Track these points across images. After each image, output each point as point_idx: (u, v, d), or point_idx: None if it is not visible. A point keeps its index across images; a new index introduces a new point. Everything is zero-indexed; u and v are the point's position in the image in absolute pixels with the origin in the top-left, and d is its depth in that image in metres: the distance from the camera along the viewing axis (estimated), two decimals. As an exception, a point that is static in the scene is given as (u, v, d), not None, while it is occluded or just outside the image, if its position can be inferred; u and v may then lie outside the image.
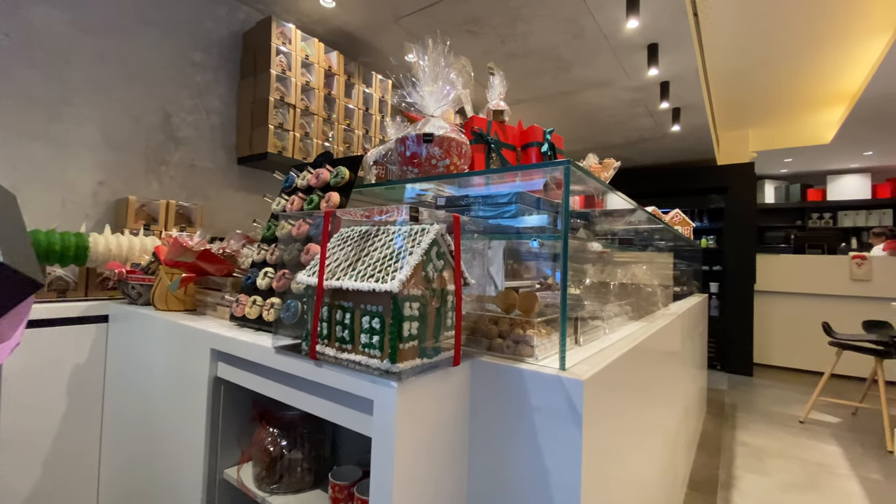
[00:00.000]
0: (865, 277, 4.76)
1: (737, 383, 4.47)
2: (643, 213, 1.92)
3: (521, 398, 0.81)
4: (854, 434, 3.13)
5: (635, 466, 1.24)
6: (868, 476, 2.48)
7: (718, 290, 5.19)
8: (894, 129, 4.89)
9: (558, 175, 1.15)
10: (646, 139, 4.73)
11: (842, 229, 6.84)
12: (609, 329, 1.30)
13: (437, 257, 0.82)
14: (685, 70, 3.08)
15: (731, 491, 2.24)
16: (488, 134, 1.22)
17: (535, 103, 3.80)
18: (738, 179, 5.23)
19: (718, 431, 3.08)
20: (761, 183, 7.34)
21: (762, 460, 2.63)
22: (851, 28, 3.35)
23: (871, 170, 6.73)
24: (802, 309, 4.97)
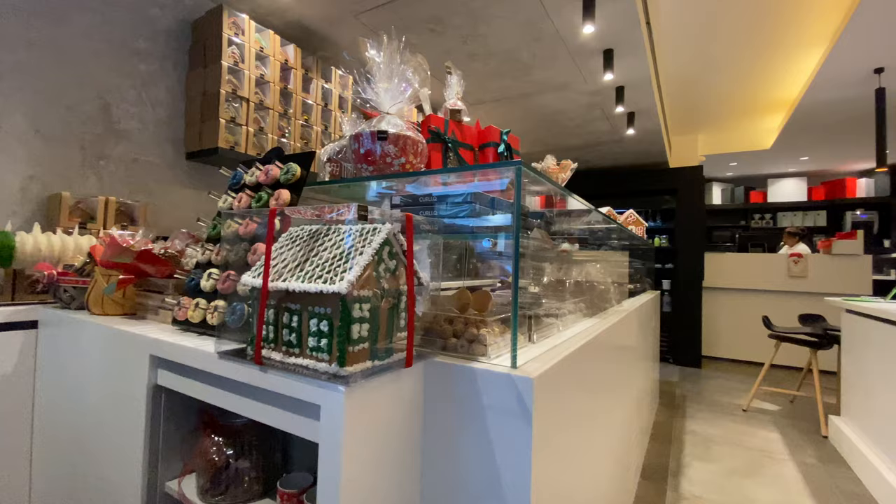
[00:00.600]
0: (802, 274, 5.12)
1: (687, 375, 4.71)
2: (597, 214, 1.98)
3: (474, 397, 0.81)
4: (792, 421, 3.36)
5: (589, 458, 1.27)
6: (804, 460, 2.67)
7: (670, 287, 5.44)
8: (827, 136, 5.29)
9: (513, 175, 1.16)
10: (603, 142, 4.89)
11: (781, 229, 7.34)
12: (563, 326, 1.32)
13: (389, 257, 0.80)
14: (639, 76, 3.20)
15: (680, 478, 2.35)
16: (445, 133, 1.22)
17: (497, 104, 3.84)
18: (688, 182, 5.50)
19: (670, 421, 3.23)
20: (709, 185, 7.76)
21: (709, 448, 2.78)
22: (789, 40, 3.60)
23: (807, 174, 7.26)
24: (746, 304, 5.30)
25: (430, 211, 0.95)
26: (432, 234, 0.92)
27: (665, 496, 2.17)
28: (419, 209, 0.97)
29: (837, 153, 6.06)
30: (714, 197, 7.74)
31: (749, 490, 2.26)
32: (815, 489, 2.30)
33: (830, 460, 2.67)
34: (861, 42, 3.13)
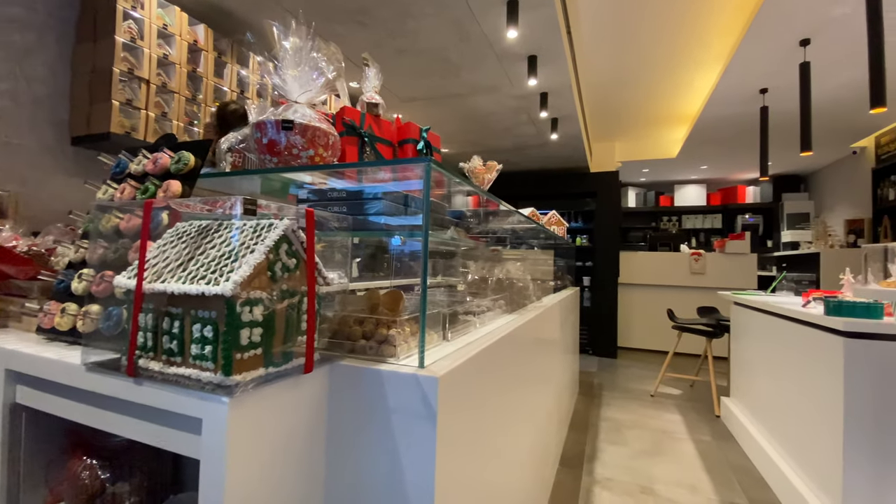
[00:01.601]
0: (701, 271, 5.72)
1: (604, 365, 5.05)
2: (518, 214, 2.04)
3: (380, 400, 0.79)
4: (691, 403, 3.73)
5: (505, 451, 1.30)
6: (700, 438, 2.97)
7: (590, 284, 5.81)
8: (722, 148, 5.94)
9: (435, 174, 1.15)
10: (530, 146, 5.09)
11: (685, 230, 8.14)
12: (481, 323, 1.34)
13: (287, 255, 0.75)
14: (561, 83, 3.37)
15: (595, 463, 2.51)
16: (361, 127, 1.18)
17: (430, 103, 3.84)
18: (607, 186, 5.90)
19: (587, 409, 3.44)
20: (625, 189, 8.39)
21: (620, 432, 2.99)
22: (692, 59, 3.98)
23: (706, 181, 8.11)
24: (655, 298, 5.80)
25: (341, 207, 0.91)
26: (342, 231, 0.88)
27: (581, 481, 2.30)
28: (329, 205, 0.92)
29: (730, 163, 6.83)
30: (629, 200, 8.38)
31: (653, 469, 2.46)
32: (708, 464, 2.56)
33: (722, 437, 2.99)
34: (748, 65, 3.54)
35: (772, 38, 3.10)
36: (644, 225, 8.44)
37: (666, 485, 2.28)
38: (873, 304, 1.80)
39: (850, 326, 1.74)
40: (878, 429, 1.68)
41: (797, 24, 2.91)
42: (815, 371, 1.99)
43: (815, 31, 2.99)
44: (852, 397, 1.72)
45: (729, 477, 2.40)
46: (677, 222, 8.21)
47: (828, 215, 6.55)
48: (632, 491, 2.20)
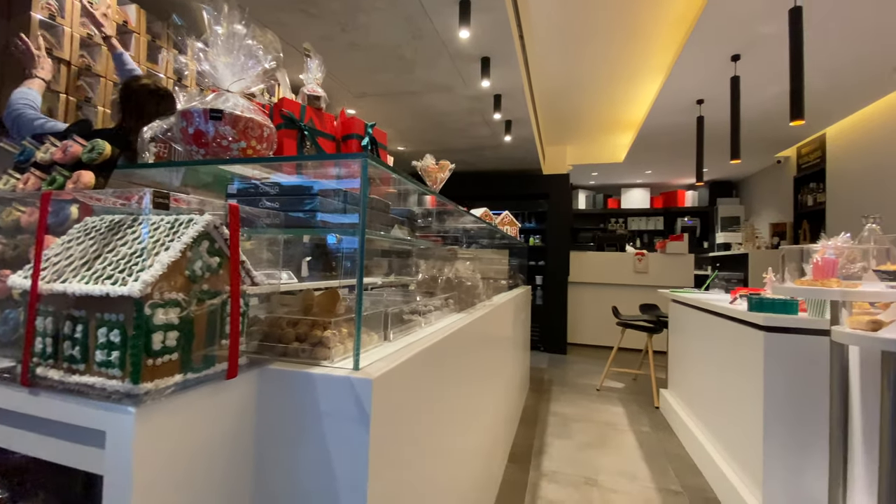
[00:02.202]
0: (644, 270, 6.03)
1: (555, 361, 5.21)
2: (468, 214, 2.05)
3: (312, 404, 0.76)
4: (634, 396, 3.92)
5: (450, 449, 1.30)
6: (640, 429, 3.12)
7: (543, 282, 5.98)
8: (664, 154, 6.29)
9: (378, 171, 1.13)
10: (485, 146, 5.15)
11: (632, 232, 8.56)
12: (427, 322, 1.33)
13: (209, 253, 0.70)
14: (514, 86, 3.43)
15: (542, 457, 2.58)
16: (301, 120, 1.13)
17: (382, 99, 3.79)
18: (558, 188, 6.09)
19: (537, 405, 3.53)
20: (576, 192, 8.70)
21: (567, 426, 3.10)
22: (637, 69, 4.17)
23: (650, 185, 8.56)
24: (602, 296, 6.05)
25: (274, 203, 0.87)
26: (274, 228, 0.84)
27: (528, 475, 2.35)
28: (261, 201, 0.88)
29: (672, 169, 7.25)
30: (580, 202, 8.70)
31: (597, 460, 2.56)
32: (647, 453, 2.70)
33: (660, 427, 3.16)
34: (686, 77, 3.77)
35: (706, 52, 3.31)
36: (593, 226, 8.78)
37: (608, 475, 2.38)
38: (790, 301, 1.97)
39: (770, 321, 1.89)
40: (794, 415, 1.84)
41: (728, 40, 3.13)
42: (740, 363, 2.14)
43: (744, 48, 3.23)
44: (771, 386, 1.87)
45: (665, 465, 2.55)
46: (624, 224, 8.61)
47: (756, 219, 7.11)
48: (576, 483, 2.28)
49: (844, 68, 3.50)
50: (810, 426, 1.81)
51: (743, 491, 1.96)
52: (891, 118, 4.08)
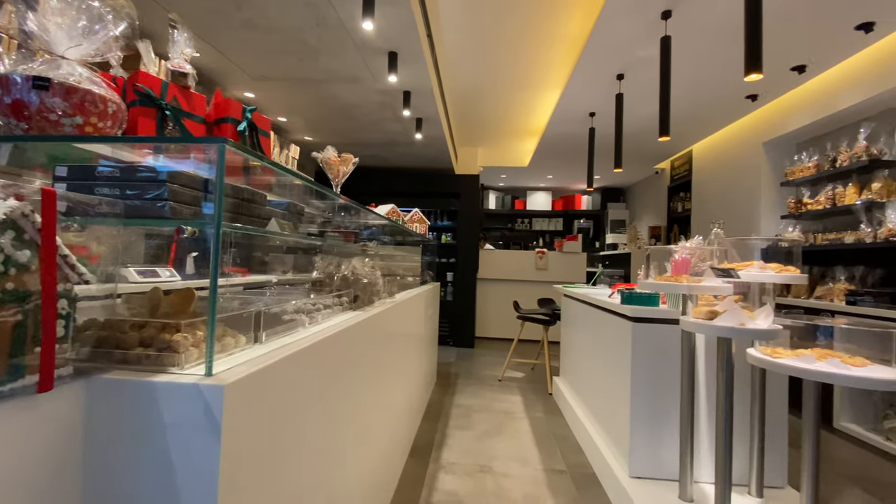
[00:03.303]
0: (544, 267, 6.47)
1: (463, 355, 5.38)
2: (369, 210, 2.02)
3: (155, 416, 0.68)
4: (531, 384, 4.19)
5: (338, 450, 1.27)
6: (535, 415, 3.34)
7: (453, 279, 6.13)
8: (563, 160, 6.80)
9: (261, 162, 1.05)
10: (398, 143, 5.12)
11: (536, 232, 9.14)
12: (313, 322, 1.28)
13: (16, 246, 0.60)
14: (423, 84, 3.45)
15: (442, 449, 2.64)
16: (163, 98, 1.01)
17: (285, 84, 3.57)
18: (469, 187, 6.28)
19: (442, 398, 3.61)
20: (487, 192, 9.06)
21: (469, 417, 3.21)
22: (540, 79, 4.44)
23: (551, 189, 9.22)
24: (508, 291, 6.37)
25: (113, 189, 0.76)
26: (112, 218, 0.74)
27: (427, 468, 2.39)
28: (97, 186, 0.77)
29: (570, 174, 7.87)
30: (490, 202, 9.08)
31: (493, 448, 2.69)
32: (538, 437, 2.90)
33: (552, 412, 3.42)
34: (580, 91, 4.11)
35: (596, 69, 3.64)
36: (502, 225, 9.22)
37: (502, 461, 2.52)
38: (653, 295, 2.24)
39: (636, 313, 2.14)
40: (655, 394, 2.11)
41: (614, 60, 3.48)
42: (615, 350, 2.40)
43: (627, 68, 3.61)
44: (636, 369, 2.12)
45: (553, 447, 2.76)
46: (529, 224, 9.17)
47: (638, 222, 8.02)
48: (472, 471, 2.37)
49: (706, 93, 4.08)
50: (668, 402, 2.08)
51: (614, 464, 2.20)
52: (742, 139, 4.85)
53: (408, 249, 3.59)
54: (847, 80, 3.43)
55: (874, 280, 3.18)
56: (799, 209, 3.94)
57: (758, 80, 2.03)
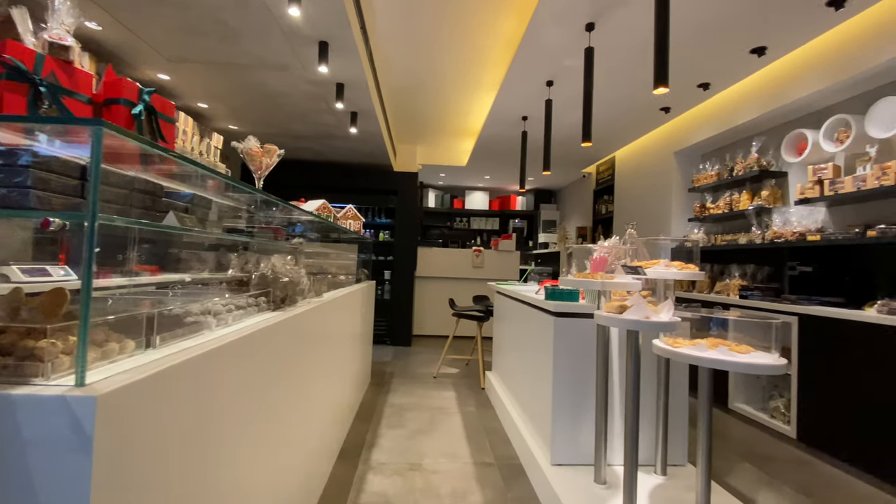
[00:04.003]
0: (480, 265, 6.62)
1: (399, 353, 5.35)
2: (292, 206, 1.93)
3: (12, 433, 0.59)
4: (465, 380, 4.26)
5: (246, 460, 1.20)
6: (467, 410, 3.40)
7: (391, 277, 6.07)
8: (499, 162, 6.98)
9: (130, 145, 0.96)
10: (333, 136, 4.96)
11: (474, 230, 9.31)
12: (222, 324, 1.20)
13: None
14: (356, 77, 3.36)
15: (373, 450, 2.60)
16: (38, 73, 0.89)
17: (205, 68, 3.32)
18: (408, 185, 6.25)
19: (375, 398, 3.56)
20: (427, 190, 9.08)
21: (402, 415, 3.20)
22: (477, 81, 4.51)
23: (489, 189, 9.44)
24: (446, 289, 6.44)
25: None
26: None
27: (356, 470, 2.35)
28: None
29: (506, 176, 8.11)
30: (430, 201, 9.10)
31: (424, 445, 2.70)
32: (469, 432, 2.96)
33: (484, 406, 3.50)
34: (513, 94, 4.24)
35: (527, 75, 3.77)
36: (442, 224, 9.29)
37: (433, 457, 2.53)
38: (573, 291, 2.37)
39: (558, 308, 2.25)
40: (574, 384, 2.23)
41: (543, 67, 3.62)
42: (539, 343, 2.50)
43: (555, 76, 3.77)
44: (558, 361, 2.23)
45: (483, 440, 2.83)
46: (467, 222, 9.32)
47: (567, 223, 8.45)
48: (402, 470, 2.37)
49: (626, 104, 4.38)
50: (587, 392, 2.21)
51: (538, 453, 2.30)
52: (657, 148, 5.27)
53: (340, 247, 3.50)
54: (743, 98, 3.86)
55: (762, 276, 3.61)
56: (703, 213, 4.36)
57: (664, 93, 2.22)
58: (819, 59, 3.14)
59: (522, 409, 2.85)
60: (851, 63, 2.90)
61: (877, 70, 2.80)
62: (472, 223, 9.27)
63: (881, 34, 2.73)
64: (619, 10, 2.76)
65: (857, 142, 2.97)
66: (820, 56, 3.14)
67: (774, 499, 2.24)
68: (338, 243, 4.07)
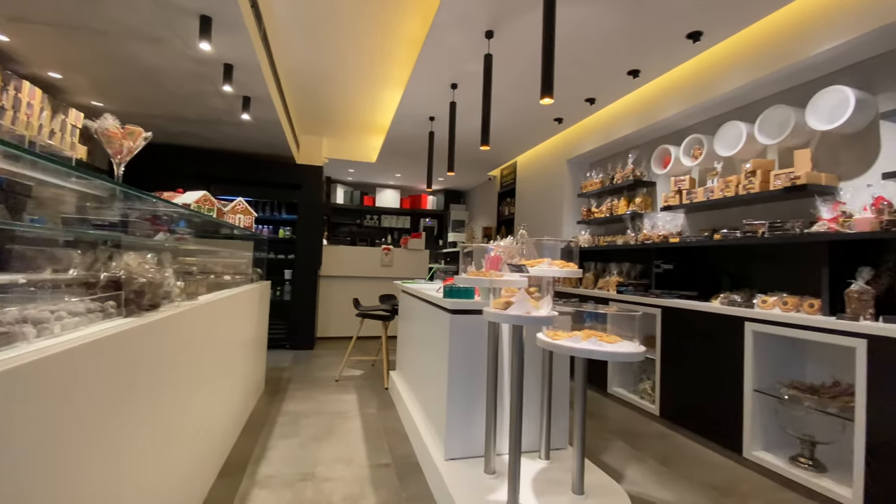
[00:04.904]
0: (389, 264, 6.55)
1: (300, 358, 5.07)
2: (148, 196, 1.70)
3: None
4: (369, 381, 4.17)
5: (87, 489, 1.02)
6: (368, 412, 3.33)
7: (292, 277, 5.72)
8: (408, 160, 6.97)
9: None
10: (223, 121, 4.53)
11: (384, 228, 9.19)
12: (44, 334, 1.00)
13: None
14: (248, 58, 3.10)
15: (260, 463, 2.42)
16: None
17: (56, 32, 2.81)
18: (313, 179, 5.95)
19: (268, 407, 3.32)
20: (335, 186, 8.75)
21: (297, 423, 3.02)
22: (383, 77, 4.43)
23: (400, 187, 9.40)
24: (353, 288, 6.26)
25: None
26: None
27: (239, 487, 2.16)
28: None
29: (415, 174, 8.14)
30: (339, 197, 8.79)
31: (319, 453, 2.58)
32: (368, 434, 2.89)
33: (386, 407, 3.46)
34: (420, 94, 4.24)
35: (432, 76, 3.81)
36: (351, 221, 9.03)
37: (327, 465, 2.43)
38: (469, 289, 2.43)
39: (454, 305, 2.29)
40: (468, 379, 2.29)
41: (447, 69, 3.68)
42: (438, 340, 2.53)
43: (459, 79, 3.86)
44: (453, 357, 2.27)
45: (382, 442, 2.78)
46: (378, 220, 9.18)
47: (475, 223, 8.75)
48: (291, 482, 2.23)
49: (525, 111, 4.64)
50: (481, 387, 2.28)
51: (433, 449, 2.32)
52: (553, 155, 5.66)
53: (229, 244, 3.20)
54: (623, 114, 4.31)
55: (635, 274, 4.07)
56: (589, 216, 4.79)
57: (550, 103, 2.37)
58: (680, 84, 3.62)
59: (422, 407, 2.86)
60: (705, 89, 3.39)
61: (725, 97, 3.30)
62: (382, 221, 9.16)
63: (728, 66, 3.22)
64: (516, 20, 2.90)
65: (708, 158, 3.48)
66: (681, 81, 3.61)
67: (639, 470, 2.53)
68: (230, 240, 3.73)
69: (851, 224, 2.37)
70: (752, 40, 3.02)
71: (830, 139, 2.78)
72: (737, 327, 2.71)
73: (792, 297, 2.57)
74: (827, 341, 2.26)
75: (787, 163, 2.97)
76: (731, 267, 3.34)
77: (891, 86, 2.50)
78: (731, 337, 2.73)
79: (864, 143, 2.61)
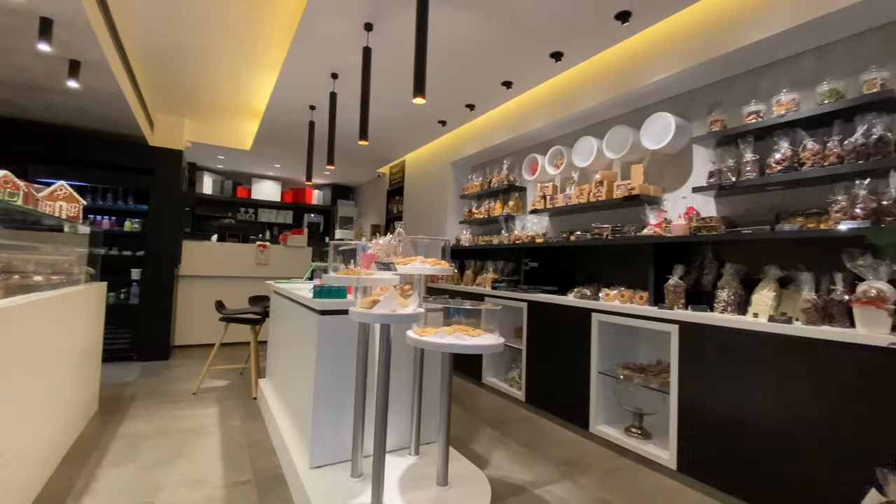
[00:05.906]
0: (265, 262, 6.05)
1: (150, 370, 4.39)
2: None
3: None
4: (235, 391, 3.79)
5: None
6: (231, 425, 3.01)
7: (141, 277, 4.93)
8: (288, 150, 6.51)
9: None
10: (42, 88, 3.70)
11: (262, 223, 8.48)
12: None
13: None
14: (73, 13, 2.56)
15: (83, 497, 2.02)
16: None
17: None
18: (170, 165, 5.19)
19: (100, 431, 2.80)
20: (201, 174, 7.81)
21: (136, 447, 2.60)
22: (256, 58, 4.04)
23: (281, 179, 8.75)
24: (220, 290, 5.63)
25: None
26: None
27: (45, 533, 1.77)
28: None
29: (298, 166, 7.66)
30: (205, 187, 7.85)
31: (162, 478, 2.25)
32: (227, 450, 2.61)
33: (252, 418, 3.17)
34: (296, 81, 3.98)
35: (310, 62, 3.60)
36: (221, 214, 8.15)
37: (171, 490, 2.13)
38: (342, 288, 2.34)
39: (323, 305, 2.18)
40: (336, 381, 2.20)
41: (326, 58, 3.51)
42: (307, 343, 2.39)
43: (339, 69, 3.71)
44: (321, 359, 2.16)
45: (243, 456, 2.54)
46: (254, 214, 8.43)
47: (364, 220, 8.57)
48: (120, 516, 1.90)
49: (409, 110, 4.66)
50: (348, 389, 2.21)
51: (298, 459, 2.18)
52: (439, 156, 5.79)
53: (41, 237, 2.61)
54: (499, 122, 4.59)
55: (508, 271, 4.37)
56: (470, 217, 5.02)
57: (422, 103, 2.41)
58: (546, 99, 3.98)
59: (290, 414, 2.68)
60: (566, 105, 3.77)
61: (581, 114, 3.71)
62: (260, 215, 8.44)
63: (584, 86, 3.62)
64: (394, 16, 2.88)
65: (568, 168, 3.88)
66: (547, 97, 3.97)
67: (503, 454, 2.71)
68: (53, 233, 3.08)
69: (670, 229, 2.86)
70: (604, 64, 3.45)
71: (658, 157, 3.31)
72: (586, 318, 3.07)
73: (628, 291, 3.00)
74: (652, 327, 2.68)
75: (627, 175, 3.45)
76: (585, 265, 3.78)
77: (701, 115, 3.06)
78: (582, 326, 3.09)
79: (682, 162, 3.16)
